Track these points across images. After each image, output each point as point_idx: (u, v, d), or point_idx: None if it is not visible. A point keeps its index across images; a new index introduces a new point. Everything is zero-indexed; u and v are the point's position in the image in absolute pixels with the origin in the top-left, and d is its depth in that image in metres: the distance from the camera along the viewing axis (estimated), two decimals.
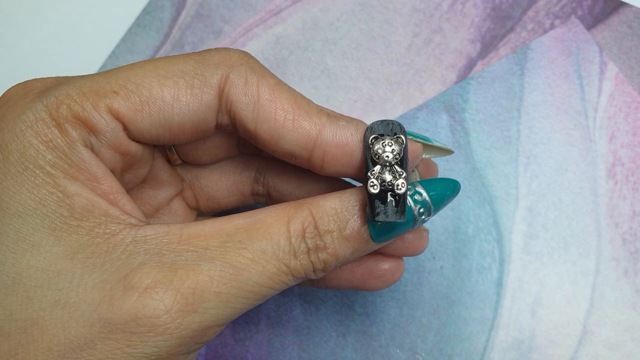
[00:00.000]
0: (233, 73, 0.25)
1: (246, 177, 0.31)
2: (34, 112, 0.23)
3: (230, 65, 0.26)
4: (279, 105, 0.25)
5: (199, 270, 0.23)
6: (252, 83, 0.25)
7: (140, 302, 0.22)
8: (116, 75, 0.25)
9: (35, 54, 0.42)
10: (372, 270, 0.30)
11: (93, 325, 0.22)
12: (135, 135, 0.25)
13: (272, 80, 0.26)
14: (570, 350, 0.34)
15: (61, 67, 0.42)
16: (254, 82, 0.25)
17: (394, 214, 0.25)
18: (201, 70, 0.25)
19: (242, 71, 0.25)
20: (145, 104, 0.25)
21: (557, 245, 0.36)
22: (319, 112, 0.26)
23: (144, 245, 0.23)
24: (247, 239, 0.24)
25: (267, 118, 0.25)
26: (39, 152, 0.23)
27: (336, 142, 0.26)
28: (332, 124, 0.26)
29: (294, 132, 0.25)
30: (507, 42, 0.40)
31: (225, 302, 0.23)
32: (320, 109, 0.26)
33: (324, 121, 0.26)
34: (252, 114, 0.25)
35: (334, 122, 0.26)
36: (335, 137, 0.26)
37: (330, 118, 0.26)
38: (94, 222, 0.23)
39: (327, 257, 0.25)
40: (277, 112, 0.25)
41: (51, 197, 0.23)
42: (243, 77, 0.25)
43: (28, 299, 0.22)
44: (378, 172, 0.25)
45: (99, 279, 0.23)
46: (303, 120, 0.25)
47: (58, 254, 0.23)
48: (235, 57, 0.26)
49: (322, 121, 0.26)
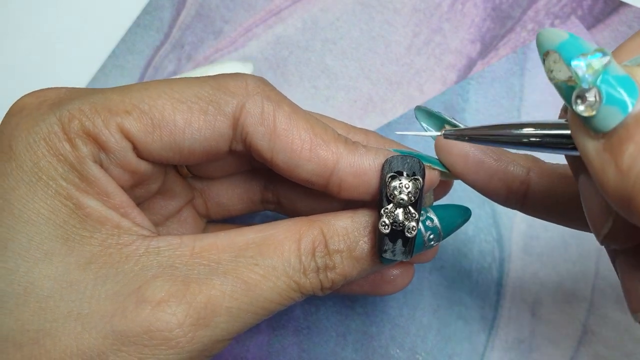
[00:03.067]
0: (249, 102, 0.25)
1: (256, 186, 0.31)
2: (47, 124, 0.24)
3: (247, 94, 0.25)
4: (295, 135, 0.25)
5: (211, 285, 0.23)
6: (269, 112, 0.25)
7: (153, 316, 0.22)
8: (130, 94, 0.25)
9: (35, 54, 0.42)
10: (383, 275, 0.30)
11: (106, 338, 0.22)
12: (144, 156, 0.25)
13: (289, 108, 0.26)
14: (570, 350, 0.34)
15: (61, 67, 0.42)
16: (270, 112, 0.25)
17: (401, 254, 0.25)
18: (216, 98, 0.25)
19: (258, 100, 0.25)
20: (157, 126, 0.24)
21: (557, 245, 0.36)
22: (336, 140, 0.26)
23: (156, 257, 0.24)
24: (259, 254, 0.24)
25: (283, 148, 0.25)
26: (51, 165, 0.23)
27: (353, 172, 0.25)
28: (350, 153, 0.25)
29: (311, 161, 0.25)
30: (507, 42, 0.40)
31: (235, 316, 0.24)
32: (338, 136, 0.26)
33: (342, 150, 0.25)
34: (268, 144, 0.25)
35: (351, 150, 0.25)
36: (352, 167, 0.25)
37: (348, 146, 0.26)
38: (106, 233, 0.24)
39: (335, 277, 0.25)
40: (294, 141, 0.25)
41: (64, 208, 0.23)
42: (259, 106, 0.25)
43: (40, 309, 0.22)
44: (391, 211, 0.25)
45: (111, 290, 0.23)
46: (320, 150, 0.25)
47: (71, 264, 0.23)
48: (252, 85, 0.26)
49: (340, 150, 0.25)
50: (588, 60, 0.18)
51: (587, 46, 0.18)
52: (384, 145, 0.28)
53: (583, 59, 0.18)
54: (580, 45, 0.18)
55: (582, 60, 0.18)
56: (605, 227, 0.21)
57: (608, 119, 0.17)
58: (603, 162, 0.18)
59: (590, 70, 0.18)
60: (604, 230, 0.22)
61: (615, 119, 0.17)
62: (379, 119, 0.39)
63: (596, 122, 0.18)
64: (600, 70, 0.18)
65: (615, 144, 0.17)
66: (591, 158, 0.18)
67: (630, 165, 0.17)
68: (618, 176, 0.17)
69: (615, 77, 0.17)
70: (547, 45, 0.19)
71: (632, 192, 0.17)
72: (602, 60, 0.18)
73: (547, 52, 0.19)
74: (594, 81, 0.18)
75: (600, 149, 0.18)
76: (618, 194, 0.18)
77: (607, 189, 0.18)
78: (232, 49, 0.41)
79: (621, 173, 0.17)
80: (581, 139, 0.18)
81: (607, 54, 0.18)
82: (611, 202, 0.18)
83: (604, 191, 0.18)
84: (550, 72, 0.19)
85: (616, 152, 0.17)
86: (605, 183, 0.18)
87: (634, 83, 0.17)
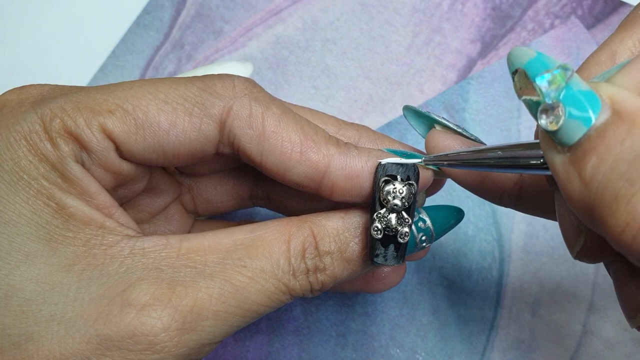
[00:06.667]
0: (237, 104, 0.24)
1: (245, 182, 0.31)
2: (28, 123, 0.23)
3: (234, 95, 0.25)
4: (285, 137, 0.24)
5: (197, 288, 0.23)
6: (257, 115, 0.24)
7: (138, 320, 0.22)
8: (114, 93, 0.24)
9: (35, 54, 0.42)
10: (374, 273, 0.30)
11: (89, 342, 0.22)
12: (127, 157, 0.25)
13: (278, 110, 0.25)
14: (570, 350, 0.34)
15: (61, 67, 0.42)
16: (258, 114, 0.24)
17: (392, 259, 0.25)
18: (202, 99, 0.24)
19: (245, 102, 0.25)
20: (140, 127, 0.24)
21: (557, 245, 0.36)
22: (327, 142, 0.25)
23: (141, 259, 0.23)
24: (247, 256, 0.24)
25: (273, 151, 0.24)
26: (32, 164, 0.23)
27: (345, 175, 0.25)
28: (342, 155, 0.25)
29: (301, 164, 0.25)
30: (507, 42, 0.40)
31: (223, 320, 0.23)
32: (329, 137, 0.25)
33: (333, 152, 0.25)
34: (257, 147, 0.25)
35: (343, 152, 0.25)
36: (344, 170, 0.25)
37: (340, 148, 0.25)
38: (90, 233, 0.23)
39: (325, 279, 0.25)
40: (284, 144, 0.24)
41: (46, 208, 0.23)
42: (247, 108, 0.24)
43: (22, 312, 0.22)
44: (384, 215, 0.24)
45: (95, 293, 0.22)
46: (311, 152, 0.25)
47: (53, 266, 0.22)
48: (240, 86, 0.25)
49: (331, 152, 0.25)
50: (551, 75, 0.18)
51: (552, 63, 0.18)
52: (377, 141, 0.28)
53: (546, 75, 0.18)
54: (546, 62, 0.18)
55: (545, 76, 0.18)
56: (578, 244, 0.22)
57: (571, 133, 0.18)
58: (568, 174, 0.18)
59: (553, 85, 0.18)
60: (576, 247, 0.22)
61: (578, 133, 0.18)
62: (379, 119, 0.39)
63: (560, 135, 0.18)
64: (563, 85, 0.18)
65: (579, 156, 0.18)
66: (558, 171, 0.19)
67: (592, 175, 0.17)
68: (582, 187, 0.18)
69: (579, 92, 0.18)
70: (516, 63, 0.19)
71: (595, 201, 0.17)
72: (564, 75, 0.18)
73: (515, 70, 0.19)
74: (557, 96, 0.18)
75: (566, 162, 0.18)
76: (582, 204, 0.18)
77: (572, 201, 0.18)
78: (232, 49, 0.41)
79: (584, 184, 0.18)
80: (549, 153, 0.19)
81: (569, 69, 0.18)
82: (577, 213, 0.19)
83: (570, 203, 0.18)
84: (518, 90, 0.19)
85: (580, 164, 0.18)
86: (571, 195, 0.18)
87: (596, 97, 0.18)
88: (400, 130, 0.39)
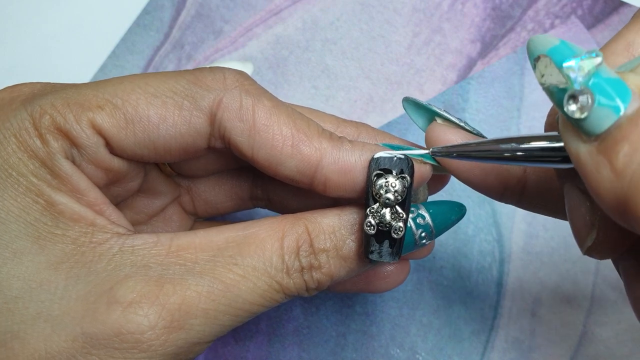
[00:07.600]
0: (227, 97, 0.24)
1: (244, 182, 0.30)
2: (18, 120, 0.23)
3: (224, 88, 0.24)
4: (276, 130, 0.24)
5: (186, 286, 0.22)
6: (248, 107, 0.24)
7: (124, 317, 0.22)
8: (104, 89, 0.24)
9: (35, 54, 0.42)
10: (377, 272, 0.29)
11: (75, 340, 0.21)
12: (118, 152, 0.24)
13: (269, 102, 0.25)
14: (570, 350, 0.34)
15: (61, 67, 0.42)
16: (249, 106, 0.24)
17: (388, 255, 0.24)
18: (192, 92, 0.24)
19: (236, 94, 0.24)
20: (130, 122, 0.24)
21: (557, 245, 0.36)
22: (319, 136, 0.24)
23: (130, 257, 0.23)
24: (238, 253, 0.23)
25: (264, 144, 0.24)
26: (21, 161, 0.23)
27: (338, 169, 0.24)
28: (335, 149, 0.24)
29: (293, 158, 0.24)
30: (507, 42, 0.40)
31: (212, 319, 0.23)
32: (322, 131, 0.25)
33: (325, 146, 0.24)
34: (248, 140, 0.24)
35: (336, 146, 0.24)
36: (337, 164, 0.24)
37: (333, 142, 0.25)
38: (79, 231, 0.23)
39: (321, 277, 0.25)
40: (275, 137, 0.24)
41: (35, 205, 0.22)
42: (237, 101, 0.24)
43: (8, 310, 0.22)
44: (377, 210, 0.24)
45: (82, 290, 0.22)
46: (303, 146, 0.24)
47: (41, 264, 0.22)
48: (230, 78, 0.25)
49: (323, 146, 0.24)
50: (579, 61, 0.18)
51: (578, 49, 0.18)
52: (376, 138, 0.27)
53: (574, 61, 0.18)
54: (571, 49, 0.18)
55: (573, 62, 0.18)
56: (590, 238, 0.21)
57: (601, 121, 0.17)
58: (597, 164, 0.17)
59: (581, 71, 0.18)
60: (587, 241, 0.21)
61: (608, 121, 0.17)
62: (379, 119, 0.39)
63: (588, 124, 0.17)
64: (592, 71, 0.17)
65: (609, 145, 0.17)
66: (584, 162, 0.18)
67: (625, 164, 0.17)
68: (613, 177, 0.17)
69: (607, 80, 0.17)
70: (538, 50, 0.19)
71: (628, 191, 0.17)
72: (593, 61, 0.18)
73: (538, 57, 0.19)
74: (586, 82, 0.17)
75: (593, 152, 0.18)
76: (613, 195, 0.17)
77: (601, 192, 0.18)
78: (232, 49, 0.41)
79: (616, 173, 0.17)
80: (573, 143, 0.18)
81: (598, 54, 0.18)
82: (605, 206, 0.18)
83: (598, 195, 0.18)
84: (541, 77, 0.19)
85: (610, 153, 0.17)
86: (600, 186, 0.17)
87: (625, 86, 0.17)
88: (400, 130, 0.39)
